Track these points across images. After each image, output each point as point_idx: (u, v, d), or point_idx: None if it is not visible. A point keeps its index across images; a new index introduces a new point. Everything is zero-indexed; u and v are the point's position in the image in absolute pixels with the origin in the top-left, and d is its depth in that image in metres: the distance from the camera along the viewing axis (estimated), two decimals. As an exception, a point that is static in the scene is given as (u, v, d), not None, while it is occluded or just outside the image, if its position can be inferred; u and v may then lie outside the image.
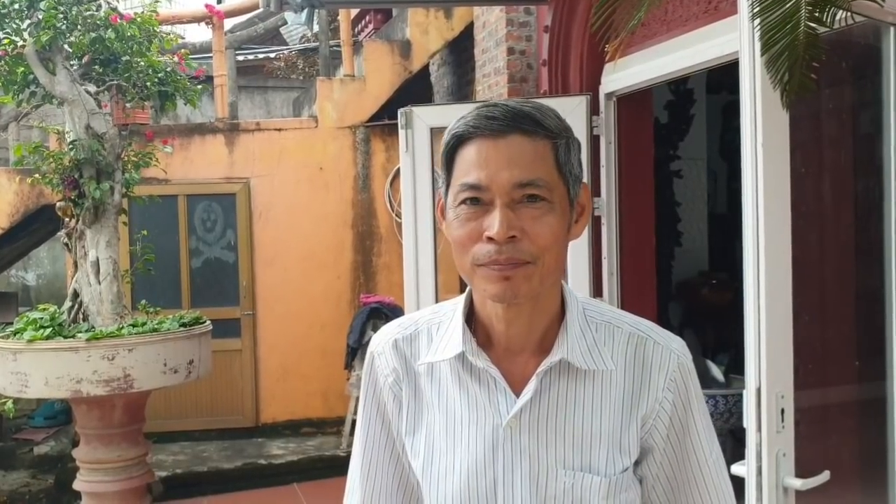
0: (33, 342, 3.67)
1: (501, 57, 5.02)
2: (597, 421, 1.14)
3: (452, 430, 1.18)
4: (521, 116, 1.08)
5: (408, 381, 1.22)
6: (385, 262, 6.05)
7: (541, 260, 1.09)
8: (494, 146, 1.08)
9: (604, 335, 1.17)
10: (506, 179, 1.07)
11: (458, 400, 1.18)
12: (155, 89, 4.37)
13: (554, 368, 1.14)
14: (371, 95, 6.05)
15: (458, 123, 1.12)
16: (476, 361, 1.15)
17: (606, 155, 3.92)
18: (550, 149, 1.09)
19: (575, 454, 1.13)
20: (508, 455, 1.14)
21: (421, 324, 1.24)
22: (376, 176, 6.09)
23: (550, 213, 1.09)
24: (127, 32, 3.95)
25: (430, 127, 4.10)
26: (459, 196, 1.10)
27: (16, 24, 4.03)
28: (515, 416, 1.13)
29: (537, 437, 1.14)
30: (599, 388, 1.15)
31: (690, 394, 1.17)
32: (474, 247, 1.09)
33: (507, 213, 1.07)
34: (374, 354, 1.26)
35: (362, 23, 8.19)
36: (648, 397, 1.15)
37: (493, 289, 1.09)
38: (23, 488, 5.71)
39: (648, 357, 1.16)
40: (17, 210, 5.96)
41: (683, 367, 1.17)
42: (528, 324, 1.15)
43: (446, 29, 6.08)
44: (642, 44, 3.71)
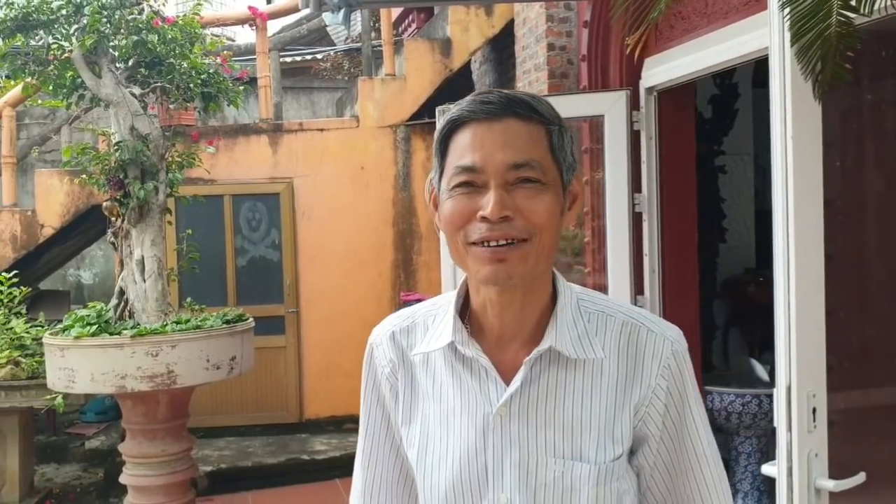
0: (80, 339, 3.76)
1: (542, 53, 4.99)
2: (587, 409, 1.13)
3: (446, 420, 1.18)
4: (515, 101, 1.10)
5: (404, 372, 1.23)
6: (425, 260, 6.07)
7: (536, 237, 1.09)
8: (489, 129, 1.09)
9: (596, 324, 1.16)
10: (500, 161, 1.07)
11: (451, 390, 1.18)
12: (198, 91, 4.43)
13: (544, 357, 1.14)
14: (412, 94, 6.07)
15: (453, 109, 1.13)
16: (465, 350, 1.16)
17: (647, 150, 3.87)
18: (544, 133, 1.10)
19: (565, 442, 1.13)
20: (498, 443, 1.14)
21: (418, 316, 1.25)
22: (416, 174, 6.11)
23: (545, 193, 1.09)
24: (168, 35, 4.02)
25: (468, 124, 4.09)
26: (454, 179, 1.10)
27: (64, 30, 4.13)
28: (505, 404, 1.13)
29: (527, 426, 1.13)
30: (590, 377, 1.14)
31: (686, 382, 1.16)
32: (467, 226, 1.09)
33: (502, 194, 1.07)
34: (372, 346, 1.28)
35: (406, 22, 8.22)
36: (641, 385, 1.14)
37: (486, 270, 1.09)
38: (74, 481, 5.88)
39: (642, 345, 1.15)
40: (69, 210, 6.12)
41: (678, 355, 1.15)
42: (520, 311, 1.15)
43: (487, 26, 6.06)
44: (682, 37, 3.65)
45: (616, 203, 3.84)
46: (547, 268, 1.15)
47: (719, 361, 5.48)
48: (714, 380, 4.45)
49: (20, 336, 4.94)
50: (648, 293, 3.86)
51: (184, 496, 4.13)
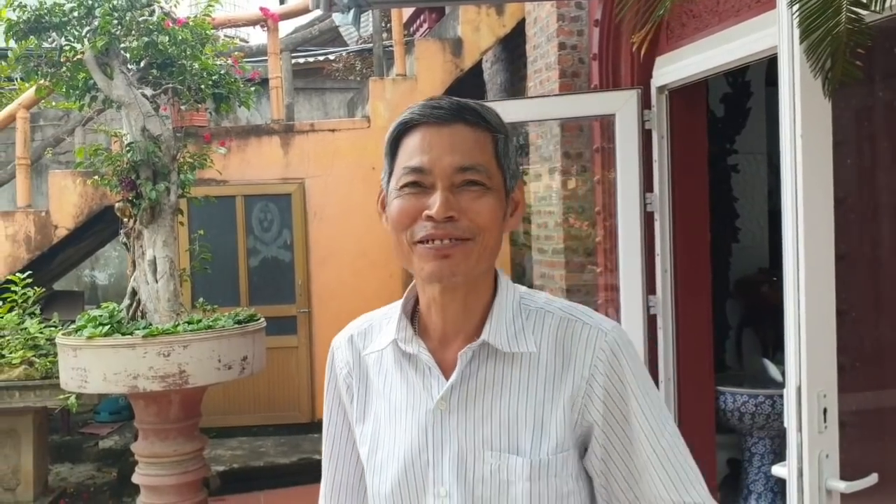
0: (92, 339, 3.78)
1: (553, 52, 4.98)
2: (522, 402, 1.15)
3: (395, 417, 1.21)
4: (464, 108, 1.14)
5: (359, 372, 1.28)
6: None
7: (480, 237, 1.13)
8: (438, 133, 1.13)
9: (534, 320, 1.18)
10: (447, 163, 1.11)
11: (399, 387, 1.22)
12: (209, 92, 4.45)
13: (481, 352, 1.17)
14: (422, 94, 6.06)
15: (404, 113, 1.17)
16: (407, 347, 1.20)
17: (658, 149, 3.85)
18: (490, 140, 1.15)
19: (502, 436, 1.15)
20: (438, 437, 1.17)
21: (375, 319, 1.30)
22: (429, 174, 6.11)
23: (489, 196, 1.13)
24: (179, 36, 4.03)
25: (478, 124, 4.09)
26: (402, 179, 1.13)
27: (76, 32, 4.15)
28: (444, 398, 1.16)
29: (465, 420, 1.16)
30: (526, 371, 1.16)
31: (626, 373, 1.15)
32: (413, 225, 1.13)
33: (448, 195, 1.11)
34: (333, 350, 1.33)
35: (417, 22, 8.22)
36: (574, 376, 1.15)
37: (430, 267, 1.12)
38: (88, 480, 5.91)
39: (576, 337, 1.16)
40: (82, 211, 6.16)
41: (615, 345, 1.16)
42: (462, 309, 1.18)
43: (498, 26, 6.05)
44: (694, 36, 3.63)
45: (627, 202, 3.82)
46: (489, 267, 1.18)
47: (732, 362, 5.44)
48: (727, 380, 4.42)
49: (34, 336, 4.97)
50: (661, 293, 3.84)
51: (196, 496, 4.14)
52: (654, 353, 3.83)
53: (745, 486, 4.26)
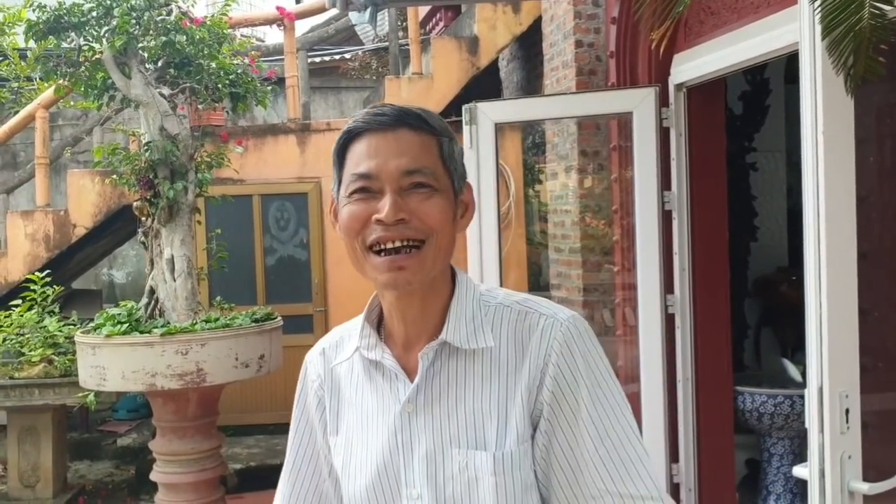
0: (111, 337, 3.81)
1: (569, 50, 4.95)
2: (486, 397, 1.16)
3: (366, 425, 1.23)
4: (407, 114, 1.17)
5: (330, 385, 1.29)
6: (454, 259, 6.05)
7: (433, 239, 1.14)
8: (384, 138, 1.15)
9: (493, 315, 1.19)
10: (394, 167, 1.13)
11: (369, 395, 1.23)
12: (226, 91, 4.47)
13: (442, 351, 1.18)
14: (438, 92, 6.06)
15: (349, 122, 1.19)
16: (370, 355, 1.22)
17: (676, 147, 3.82)
18: (435, 143, 1.17)
19: (468, 432, 1.15)
20: (407, 440, 1.18)
21: (346, 331, 1.31)
22: (445, 173, 6.10)
23: (438, 197, 1.15)
24: (196, 36, 4.05)
25: (495, 122, 4.07)
26: (351, 186, 1.15)
27: (94, 32, 4.18)
28: (410, 400, 1.18)
29: (432, 419, 1.17)
30: (487, 365, 1.17)
31: (577, 363, 1.14)
32: (364, 230, 1.14)
33: (396, 198, 1.13)
34: (306, 363, 1.34)
35: (433, 21, 8.21)
36: (529, 365, 1.15)
37: (385, 278, 1.14)
38: (106, 478, 5.95)
39: (532, 327, 1.17)
40: (100, 210, 6.20)
41: (568, 335, 1.15)
42: (421, 312, 1.19)
43: (514, 24, 6.03)
44: (712, 33, 3.60)
45: (645, 201, 3.79)
46: (445, 268, 1.20)
47: (751, 361, 5.40)
48: (745, 380, 4.39)
49: (53, 334, 5.01)
50: (679, 292, 3.81)
51: (213, 494, 4.16)
52: (671, 352, 3.81)
53: (764, 487, 4.23)
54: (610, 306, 4.90)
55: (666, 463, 3.74)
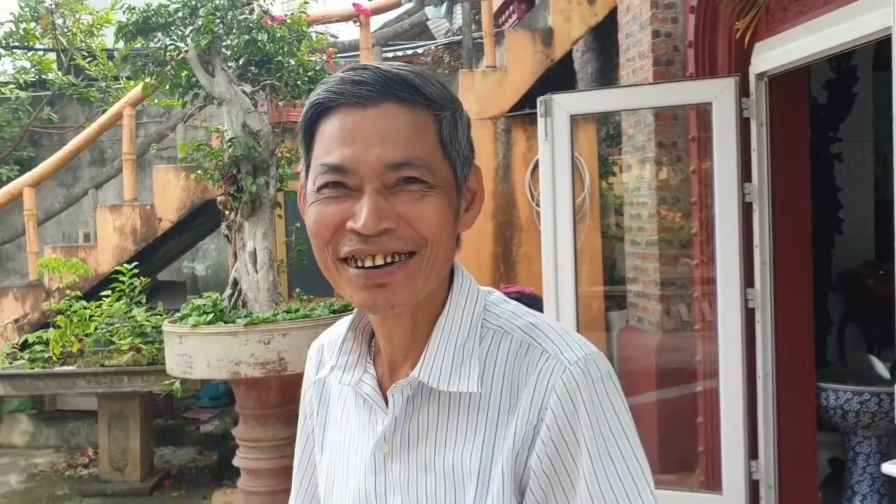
0: (197, 327, 3.94)
1: (646, 40, 4.89)
2: (468, 451, 0.91)
3: (347, 452, 1.02)
4: (395, 81, 0.88)
5: (322, 394, 1.08)
6: (525, 252, 6.05)
7: (427, 250, 0.88)
8: (362, 117, 0.87)
9: (489, 345, 0.93)
10: (376, 159, 0.86)
11: (353, 419, 1.02)
12: (305, 88, 4.56)
13: (422, 390, 0.94)
14: (512, 85, 6.05)
15: (318, 89, 0.91)
16: (344, 377, 0.99)
17: (757, 138, 3.74)
18: (432, 122, 0.89)
19: (447, 490, 0.92)
20: (381, 487, 0.96)
21: (347, 326, 1.05)
22: (517, 166, 6.09)
23: (434, 196, 0.88)
24: (277, 34, 4.14)
25: (570, 114, 4.06)
26: (319, 179, 0.89)
27: (180, 31, 4.32)
28: (386, 439, 0.95)
29: (408, 469, 0.95)
30: (473, 411, 0.92)
31: (581, 423, 0.87)
32: (336, 238, 0.89)
33: (378, 200, 0.86)
34: (308, 357, 1.14)
35: (506, 14, 8.19)
36: (518, 418, 0.89)
37: (361, 297, 0.90)
38: (190, 463, 6.17)
39: (530, 368, 0.90)
40: (185, 205, 6.40)
41: (572, 384, 0.87)
42: (411, 332, 0.96)
43: (589, 15, 5.98)
44: (796, 20, 3.51)
45: (724, 193, 3.73)
46: (441, 282, 0.94)
47: (834, 358, 5.25)
48: (829, 377, 4.27)
49: (141, 324, 5.21)
50: (759, 286, 3.74)
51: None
52: (751, 347, 3.74)
53: (850, 487, 4.11)
54: (687, 301, 4.83)
55: (745, 459, 3.67)
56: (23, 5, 8.69)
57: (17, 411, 6.69)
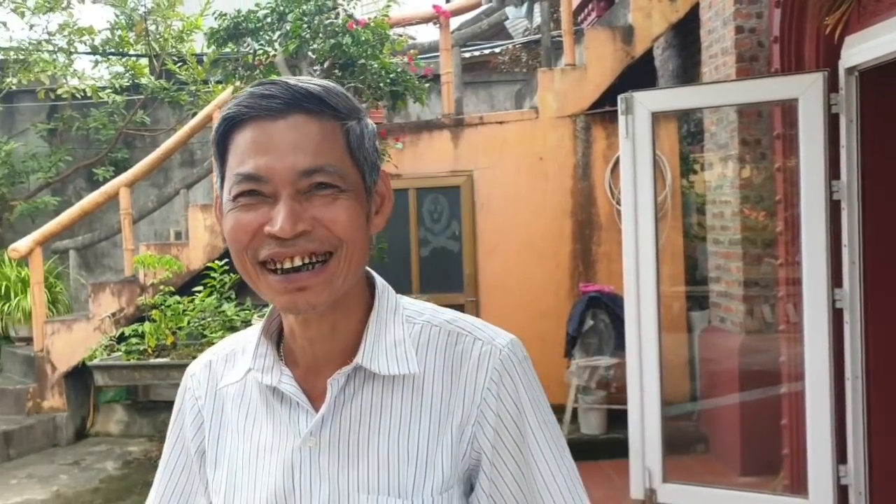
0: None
1: (729, 36, 4.82)
2: (404, 435, 0.98)
3: (255, 459, 1.03)
4: (302, 94, 0.94)
5: (212, 408, 1.09)
6: (605, 250, 6.02)
7: (342, 250, 0.94)
8: (274, 128, 0.92)
9: (419, 336, 1.01)
10: (289, 167, 0.91)
11: (264, 424, 1.03)
12: (387, 89, 4.67)
13: (357, 376, 0.99)
14: (592, 83, 6.04)
15: (230, 104, 0.96)
16: (264, 378, 1.02)
17: (847, 134, 3.65)
18: (340, 131, 0.95)
19: (381, 475, 0.97)
20: (306, 481, 0.99)
21: (240, 342, 1.10)
22: (596, 164, 6.08)
23: (344, 198, 0.94)
24: (362, 37, 4.26)
25: (652, 112, 4.04)
26: (235, 189, 0.93)
27: (267, 36, 4.49)
28: (313, 433, 0.99)
29: (338, 458, 0.98)
30: (409, 397, 0.99)
31: (521, 395, 0.99)
32: (254, 243, 0.94)
33: (293, 205, 0.92)
34: (186, 377, 1.14)
35: (585, 12, 8.16)
36: (464, 400, 0.98)
37: (283, 300, 0.95)
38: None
39: (467, 354, 1.00)
40: (271, 203, 6.60)
41: (509, 363, 0.99)
42: (330, 331, 1.00)
43: (670, 11, 5.92)
44: (891, 11, 3.41)
45: (811, 191, 3.66)
46: (358, 280, 1.00)
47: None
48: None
49: (231, 319, 5.41)
50: (848, 286, 3.65)
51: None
52: (839, 348, 3.65)
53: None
54: (771, 301, 4.74)
55: (832, 464, 3.60)
56: (118, 14, 9.09)
57: (112, 401, 7.02)
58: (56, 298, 7.71)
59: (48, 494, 5.44)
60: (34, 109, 9.31)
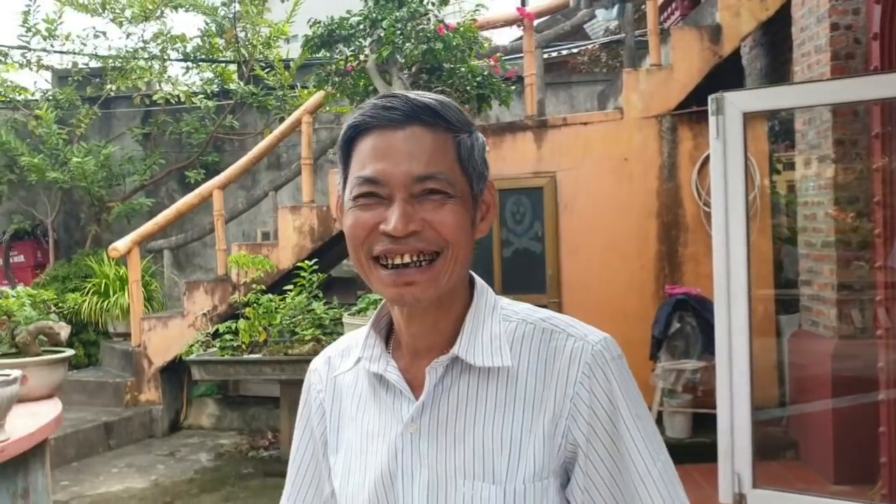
0: (375, 320, 4.18)
1: (823, 34, 4.72)
2: (498, 425, 1.04)
3: (366, 446, 1.12)
4: (420, 108, 1.03)
5: (332, 397, 1.19)
6: (691, 252, 5.95)
7: (448, 251, 1.02)
8: (393, 137, 1.02)
9: (513, 332, 1.08)
10: (404, 172, 1.01)
11: (372, 411, 1.12)
12: (474, 93, 4.74)
13: (454, 368, 1.07)
14: (678, 83, 5.97)
15: (354, 114, 1.07)
16: (373, 367, 1.11)
17: (952, 134, 3.55)
18: (451, 142, 1.04)
19: (476, 461, 1.03)
20: (408, 464, 1.07)
21: (354, 339, 1.20)
22: (682, 165, 6.01)
23: (452, 203, 1.03)
24: (453, 42, 4.33)
25: (744, 112, 4.00)
26: (356, 190, 1.04)
27: (359, 42, 4.61)
28: (414, 420, 1.07)
29: (437, 444, 1.06)
30: (504, 389, 1.05)
31: (615, 391, 1.03)
32: (370, 239, 1.03)
33: (406, 207, 1.01)
34: (309, 371, 1.24)
35: (667, 11, 8.07)
36: (555, 394, 1.03)
37: (392, 293, 1.03)
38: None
39: (559, 350, 1.05)
40: (356, 205, 6.75)
41: (600, 358, 1.04)
42: (432, 325, 1.08)
43: (760, 9, 5.81)
44: None
45: (914, 192, 3.56)
46: (461, 279, 1.08)
47: None
48: None
49: (320, 316, 5.56)
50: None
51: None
52: (944, 354, 3.55)
53: None
54: (867, 305, 4.61)
55: (936, 473, 3.49)
56: (208, 21, 9.41)
57: (204, 396, 7.29)
58: (151, 296, 8.04)
59: (147, 483, 5.69)
60: (129, 114, 9.73)
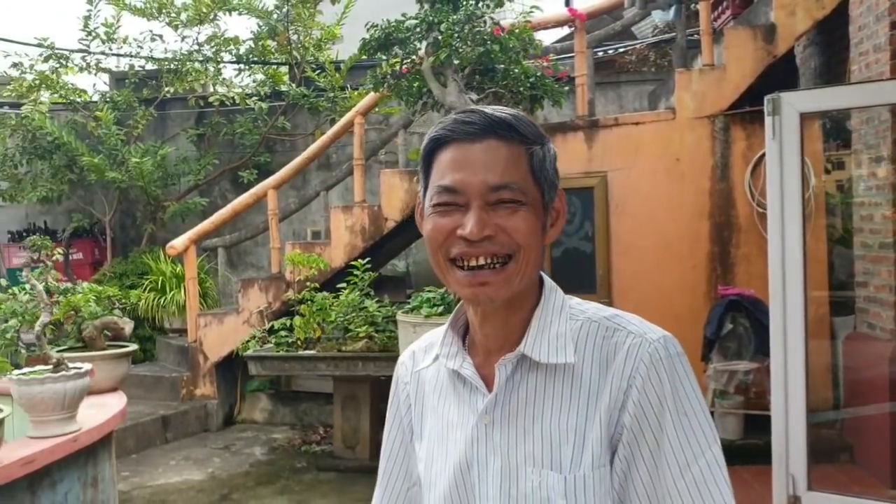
0: (429, 317, 4.26)
1: (883, 32, 4.66)
2: (563, 416, 1.11)
3: (445, 435, 1.21)
4: (496, 122, 1.11)
5: (416, 390, 1.29)
6: (744, 253, 5.91)
7: (520, 255, 1.10)
8: (470, 150, 1.10)
9: (579, 330, 1.14)
10: (480, 182, 1.09)
11: (452, 404, 1.22)
12: (527, 93, 4.77)
13: (523, 364, 1.15)
14: (731, 83, 5.94)
15: (435, 128, 1.15)
16: (450, 363, 1.20)
17: None
18: (524, 154, 1.12)
19: (544, 452, 1.11)
20: (483, 453, 1.15)
21: (436, 336, 1.29)
22: (735, 165, 5.97)
23: (524, 210, 1.10)
24: (509, 44, 4.38)
25: (801, 112, 3.98)
26: (435, 198, 1.12)
27: (414, 45, 4.68)
28: (487, 412, 1.15)
29: (508, 435, 1.14)
30: (569, 383, 1.12)
31: (664, 388, 1.08)
32: (448, 242, 1.12)
33: (482, 213, 1.09)
34: (398, 364, 1.36)
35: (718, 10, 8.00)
36: (611, 387, 1.10)
37: (468, 293, 1.12)
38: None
39: (618, 346, 1.11)
40: (408, 205, 6.84)
41: (656, 356, 1.09)
42: (503, 324, 1.17)
43: (816, 8, 5.74)
44: None
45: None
46: (531, 282, 1.16)
47: None
48: None
49: (373, 314, 5.66)
50: None
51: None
52: None
53: None
54: (926, 307, 4.55)
55: None
56: (261, 24, 9.58)
57: (257, 391, 7.44)
58: (206, 293, 8.23)
59: (204, 475, 5.85)
60: (184, 116, 9.97)
